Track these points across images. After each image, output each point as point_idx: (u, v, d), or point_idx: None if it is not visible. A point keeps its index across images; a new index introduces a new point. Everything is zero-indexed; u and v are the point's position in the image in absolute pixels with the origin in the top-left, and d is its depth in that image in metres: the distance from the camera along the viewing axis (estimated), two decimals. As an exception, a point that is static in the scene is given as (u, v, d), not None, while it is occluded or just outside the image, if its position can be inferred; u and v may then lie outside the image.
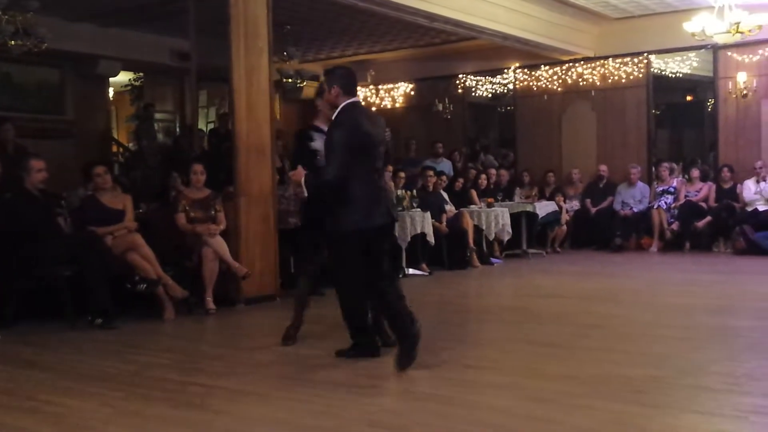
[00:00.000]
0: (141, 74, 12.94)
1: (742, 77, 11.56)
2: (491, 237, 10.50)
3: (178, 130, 13.29)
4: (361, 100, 4.88)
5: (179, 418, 3.92)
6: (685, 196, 11.53)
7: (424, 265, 9.48)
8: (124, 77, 12.79)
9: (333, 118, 4.83)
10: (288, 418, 3.87)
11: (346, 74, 4.86)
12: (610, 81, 12.61)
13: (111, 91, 12.90)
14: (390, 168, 8.94)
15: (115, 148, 12.69)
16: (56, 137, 10.74)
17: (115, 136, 13.26)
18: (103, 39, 10.93)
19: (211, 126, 13.06)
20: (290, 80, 12.46)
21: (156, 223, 7.53)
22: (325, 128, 4.99)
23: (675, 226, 11.36)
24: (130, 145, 13.03)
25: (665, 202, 11.57)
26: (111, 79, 12.27)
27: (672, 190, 11.70)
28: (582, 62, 12.84)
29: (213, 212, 7.31)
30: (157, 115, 13.15)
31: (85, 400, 4.28)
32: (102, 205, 6.94)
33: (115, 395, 4.34)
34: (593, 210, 12.09)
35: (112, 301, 6.43)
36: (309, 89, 13.91)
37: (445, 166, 11.97)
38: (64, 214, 7.11)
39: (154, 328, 6.49)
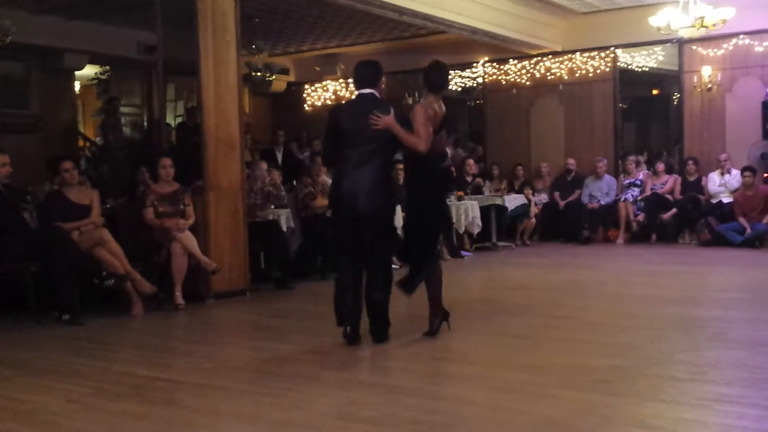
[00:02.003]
0: (108, 68, 12.78)
1: (706, 71, 11.71)
2: (461, 230, 10.54)
3: (145, 124, 13.16)
4: (371, 94, 5.11)
5: (146, 413, 3.89)
6: (651, 189, 11.67)
7: (394, 259, 9.47)
8: (90, 71, 12.62)
9: None
10: (257, 412, 3.85)
11: (356, 69, 5.24)
12: (577, 75, 12.71)
13: (77, 85, 12.73)
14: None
15: (81, 143, 12.52)
16: (21, 131, 10.57)
17: (82, 130, 13.09)
18: (69, 32, 10.76)
19: (179, 120, 12.95)
20: (259, 74, 12.40)
21: (124, 218, 7.46)
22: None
23: (641, 218, 11.50)
24: (97, 139, 12.87)
25: (632, 195, 11.71)
26: (77, 73, 12.10)
27: (638, 182, 11.83)
28: (550, 56, 12.92)
29: (181, 207, 7.25)
30: (124, 109, 12.98)
31: (51, 396, 4.23)
32: (68, 200, 6.85)
33: (82, 391, 4.30)
34: (561, 203, 12.20)
35: (78, 296, 6.37)
36: (278, 83, 13.89)
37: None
38: (29, 209, 7.02)
39: (121, 324, 6.41)
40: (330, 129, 5.19)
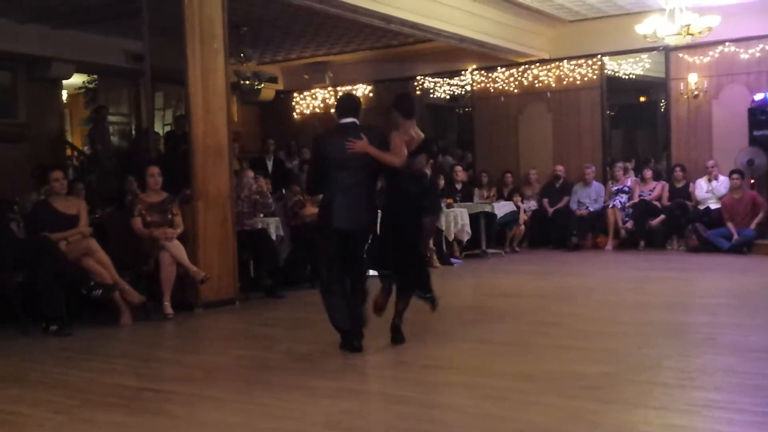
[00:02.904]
0: (95, 76, 12.74)
1: (693, 78, 11.79)
2: (451, 237, 10.55)
3: (133, 132, 13.13)
4: (353, 122, 5.38)
5: (135, 424, 3.88)
6: (639, 195, 11.72)
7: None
8: (77, 79, 12.58)
9: None
10: (245, 421, 3.84)
11: (340, 100, 5.71)
12: (565, 82, 12.77)
13: (65, 94, 12.69)
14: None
15: (69, 152, 12.48)
16: (8, 141, 10.54)
17: (70, 139, 13.04)
18: (56, 41, 10.74)
19: (167, 128, 12.92)
20: (247, 82, 12.37)
21: (112, 228, 7.43)
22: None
23: (629, 224, 11.54)
24: (85, 148, 12.83)
25: (620, 202, 11.75)
26: (65, 82, 12.06)
27: (626, 189, 11.88)
28: (537, 64, 12.98)
29: (170, 216, 7.23)
30: (112, 118, 12.96)
31: (39, 407, 4.21)
32: (55, 210, 6.81)
33: (70, 402, 4.28)
34: (550, 210, 12.23)
35: (66, 307, 6.33)
36: (267, 91, 13.88)
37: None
38: (16, 219, 6.98)
39: (110, 335, 6.39)
40: (317, 160, 5.53)
